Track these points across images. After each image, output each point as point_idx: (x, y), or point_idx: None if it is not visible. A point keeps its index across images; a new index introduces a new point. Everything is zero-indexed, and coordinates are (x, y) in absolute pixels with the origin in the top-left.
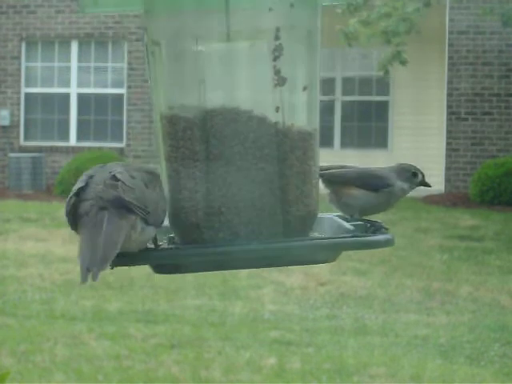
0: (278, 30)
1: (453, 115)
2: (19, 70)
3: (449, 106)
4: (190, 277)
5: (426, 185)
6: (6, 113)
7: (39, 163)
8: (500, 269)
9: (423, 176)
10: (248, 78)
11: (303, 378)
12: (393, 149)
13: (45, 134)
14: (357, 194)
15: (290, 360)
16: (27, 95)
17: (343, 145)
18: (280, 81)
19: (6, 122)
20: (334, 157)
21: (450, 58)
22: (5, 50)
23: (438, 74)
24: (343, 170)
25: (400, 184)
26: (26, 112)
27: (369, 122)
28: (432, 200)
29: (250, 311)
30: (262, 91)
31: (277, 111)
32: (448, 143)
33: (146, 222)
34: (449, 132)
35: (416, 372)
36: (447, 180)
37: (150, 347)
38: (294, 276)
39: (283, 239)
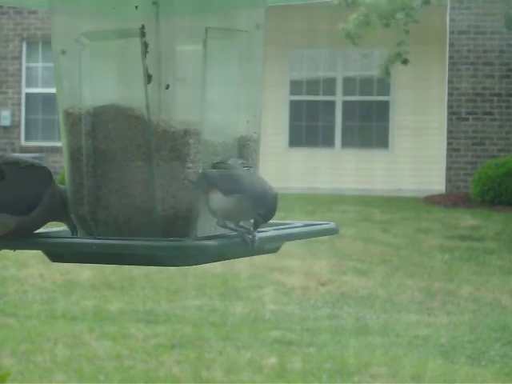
0: (143, 27)
1: (453, 115)
2: (20, 70)
3: (449, 106)
4: (190, 277)
5: None
6: (6, 113)
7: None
8: (501, 269)
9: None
10: (124, 75)
11: (304, 378)
12: (393, 149)
13: (46, 134)
14: (214, 197)
15: (291, 360)
16: (28, 95)
17: (344, 145)
18: (147, 79)
19: (7, 123)
20: (334, 156)
21: (451, 57)
22: (6, 51)
23: (439, 74)
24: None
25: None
26: (27, 112)
27: (369, 122)
28: (433, 200)
29: (250, 311)
30: (136, 89)
31: (147, 109)
32: (449, 143)
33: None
34: (449, 132)
35: (417, 372)
36: (448, 180)
37: (150, 347)
38: (294, 276)
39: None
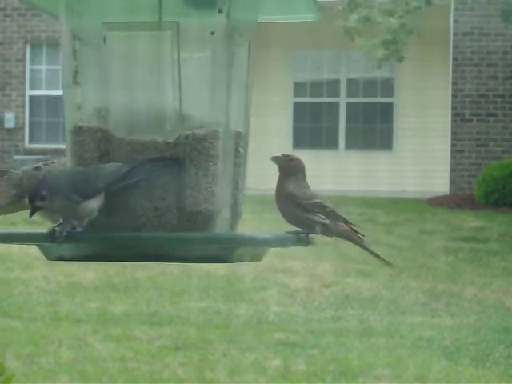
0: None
1: (457, 117)
2: (24, 72)
3: (453, 108)
4: (194, 279)
5: None
6: (10, 115)
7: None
8: (505, 270)
9: None
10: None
11: (308, 380)
12: (397, 150)
13: (50, 136)
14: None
15: (295, 362)
16: (32, 98)
17: (348, 146)
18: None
19: (11, 125)
20: (338, 158)
21: (455, 59)
22: (9, 53)
23: (443, 76)
24: None
25: None
26: (31, 114)
27: (373, 123)
28: (437, 201)
29: (254, 313)
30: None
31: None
32: (453, 145)
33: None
34: (453, 133)
35: (421, 373)
36: (452, 181)
37: (154, 349)
38: (298, 278)
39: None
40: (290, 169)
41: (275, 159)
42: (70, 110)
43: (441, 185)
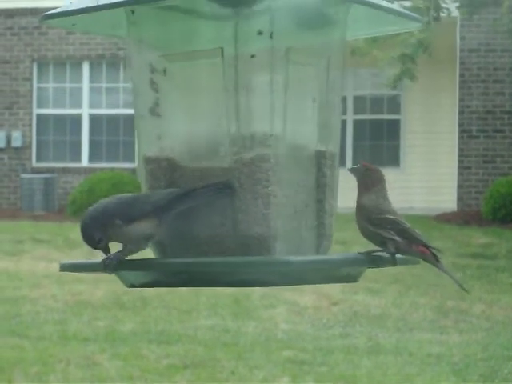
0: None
1: (464, 133)
2: (31, 91)
3: (460, 124)
4: (202, 297)
5: None
6: (17, 134)
7: (51, 184)
8: None
9: None
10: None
11: None
12: (405, 167)
13: (57, 154)
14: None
15: (304, 379)
16: (39, 116)
17: (355, 163)
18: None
19: (18, 143)
20: (345, 175)
21: (461, 75)
22: (16, 72)
23: (450, 92)
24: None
25: None
26: (38, 133)
27: (380, 140)
28: (444, 218)
29: (262, 331)
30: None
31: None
32: (460, 161)
33: None
34: (460, 150)
35: None
36: (459, 198)
37: (163, 367)
38: (306, 295)
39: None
40: (367, 179)
41: (353, 170)
42: (144, 140)
43: (448, 201)
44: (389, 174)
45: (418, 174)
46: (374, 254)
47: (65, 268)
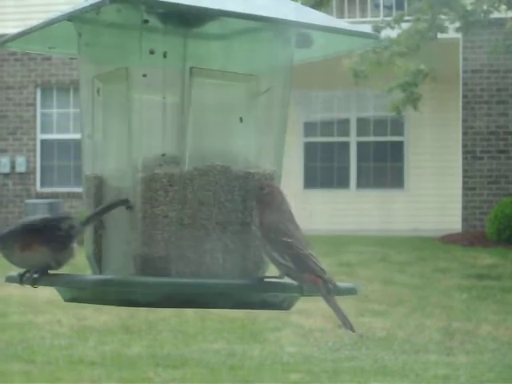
0: None
1: (468, 154)
2: (35, 116)
3: (464, 145)
4: (208, 321)
5: None
6: (22, 159)
7: (56, 209)
8: None
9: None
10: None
11: None
12: (409, 189)
13: (61, 180)
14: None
15: None
16: (43, 141)
17: (359, 185)
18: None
19: (23, 169)
20: (350, 197)
21: (465, 96)
22: (20, 97)
23: (453, 113)
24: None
25: None
26: (42, 158)
27: (384, 162)
28: (449, 239)
29: (269, 354)
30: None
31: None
32: (464, 182)
33: None
34: (465, 171)
35: None
36: (464, 219)
37: None
38: (312, 318)
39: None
40: (264, 198)
41: (250, 191)
42: (84, 160)
43: (453, 222)
44: (393, 195)
45: (422, 196)
46: (267, 279)
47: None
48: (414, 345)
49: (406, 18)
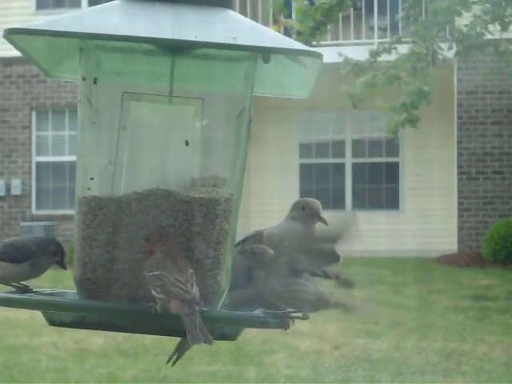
0: None
1: (464, 175)
2: (30, 139)
3: (459, 166)
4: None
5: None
6: (17, 182)
7: (51, 232)
8: None
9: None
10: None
11: None
12: (404, 209)
13: (57, 202)
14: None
15: None
16: (38, 164)
17: (355, 206)
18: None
19: (18, 192)
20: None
21: (460, 117)
22: (15, 120)
23: (448, 134)
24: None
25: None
26: (38, 181)
27: (379, 183)
28: (445, 260)
29: (265, 376)
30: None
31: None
32: (460, 203)
33: None
34: (460, 192)
35: None
36: (460, 240)
37: None
38: (307, 340)
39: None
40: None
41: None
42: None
43: (449, 243)
44: (388, 216)
45: (417, 217)
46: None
47: None
48: (411, 366)
49: (403, 39)
